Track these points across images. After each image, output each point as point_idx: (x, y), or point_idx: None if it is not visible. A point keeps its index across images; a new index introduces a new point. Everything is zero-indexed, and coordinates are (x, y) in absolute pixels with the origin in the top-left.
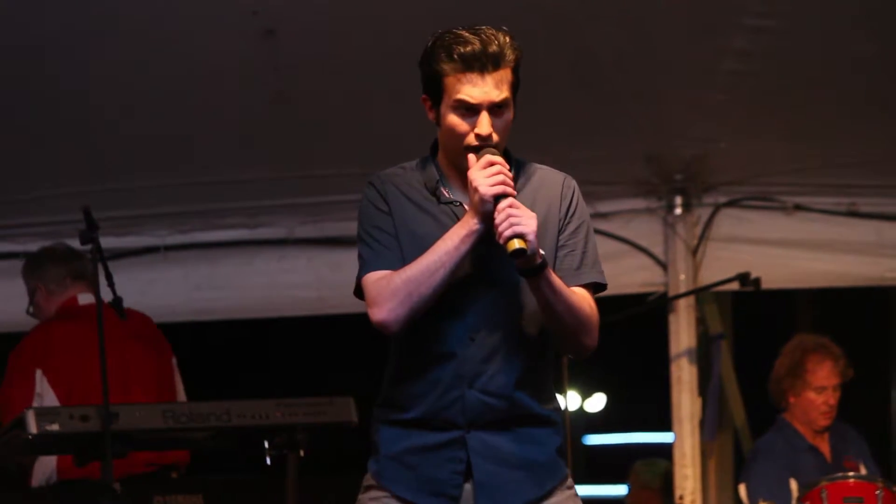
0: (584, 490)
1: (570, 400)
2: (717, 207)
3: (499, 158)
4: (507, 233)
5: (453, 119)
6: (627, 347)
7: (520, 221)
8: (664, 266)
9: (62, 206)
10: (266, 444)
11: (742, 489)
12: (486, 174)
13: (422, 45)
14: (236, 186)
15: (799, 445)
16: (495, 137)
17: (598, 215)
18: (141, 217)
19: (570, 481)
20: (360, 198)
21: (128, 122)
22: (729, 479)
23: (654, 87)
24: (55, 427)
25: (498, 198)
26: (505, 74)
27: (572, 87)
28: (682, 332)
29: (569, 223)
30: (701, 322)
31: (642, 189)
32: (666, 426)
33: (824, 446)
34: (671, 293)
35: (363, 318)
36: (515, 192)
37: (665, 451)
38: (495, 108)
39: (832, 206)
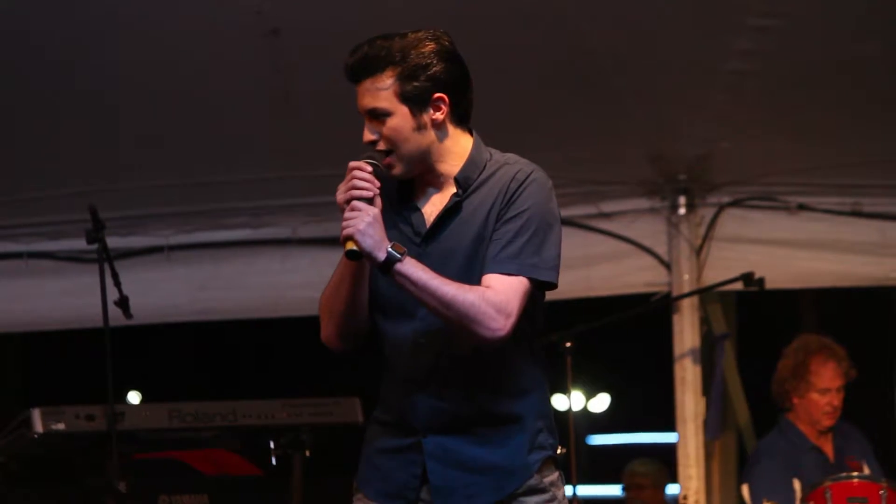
0: (587, 490)
1: (573, 400)
2: (721, 207)
3: (356, 164)
4: (342, 236)
5: None
6: (631, 347)
7: (350, 224)
8: (668, 266)
9: (68, 205)
10: (271, 444)
11: (745, 489)
12: (342, 183)
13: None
14: (240, 186)
15: (802, 445)
16: (381, 145)
17: (601, 215)
18: (146, 217)
19: (543, 482)
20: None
21: (132, 122)
22: (732, 480)
23: (658, 87)
24: (61, 426)
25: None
26: (376, 82)
27: (575, 87)
28: (686, 333)
29: (504, 214)
30: (705, 322)
31: (646, 189)
32: (669, 426)
33: (828, 446)
34: (675, 293)
35: None
36: (366, 194)
37: (669, 451)
38: (375, 116)
39: (836, 206)
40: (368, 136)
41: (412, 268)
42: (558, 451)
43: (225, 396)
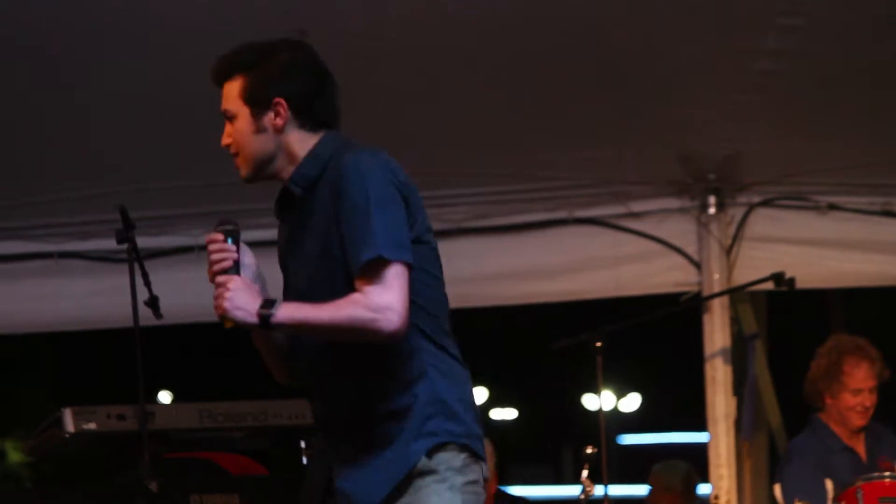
0: (617, 490)
1: (604, 400)
2: (751, 207)
3: (209, 237)
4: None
5: None
6: (661, 347)
7: (217, 303)
8: (698, 266)
9: (98, 205)
10: (302, 444)
11: (777, 489)
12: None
13: (446, 45)
14: (269, 186)
15: (834, 446)
16: (232, 148)
17: (631, 215)
18: (176, 217)
19: (431, 464)
20: None
21: (163, 122)
22: (764, 480)
23: (687, 87)
24: (92, 426)
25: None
26: (229, 87)
27: (604, 87)
28: (717, 332)
29: (339, 218)
30: (735, 322)
31: (676, 188)
32: (700, 426)
33: (860, 447)
34: (705, 293)
35: None
36: (225, 265)
37: (700, 450)
38: (227, 118)
39: (866, 206)
40: (224, 139)
41: (285, 315)
42: (589, 451)
43: (256, 396)
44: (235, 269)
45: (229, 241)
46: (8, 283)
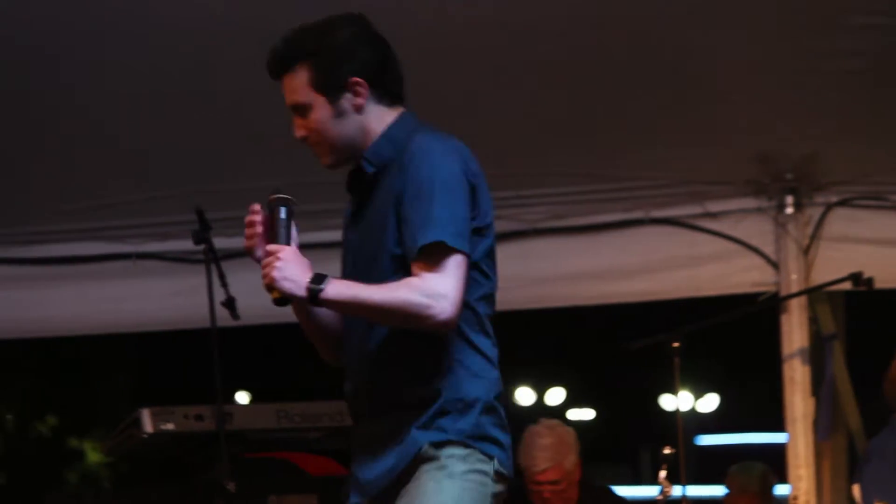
0: (695, 491)
1: (681, 400)
2: (829, 207)
3: (253, 207)
4: (264, 285)
5: None
6: (739, 347)
7: (265, 272)
8: (776, 266)
9: (176, 206)
10: None
11: (856, 490)
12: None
13: (521, 45)
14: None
15: None
16: (311, 138)
17: (708, 215)
18: None
19: (436, 452)
20: None
21: (238, 123)
22: (843, 480)
23: (765, 87)
24: (170, 426)
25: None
26: (293, 79)
27: (681, 86)
28: (795, 333)
29: (403, 196)
30: (813, 322)
31: (753, 188)
32: (779, 426)
33: None
34: (783, 293)
35: None
36: (257, 241)
37: (779, 451)
38: (298, 111)
39: None
40: (298, 132)
41: (335, 291)
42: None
43: (333, 397)
44: (286, 238)
45: (282, 210)
46: (86, 284)
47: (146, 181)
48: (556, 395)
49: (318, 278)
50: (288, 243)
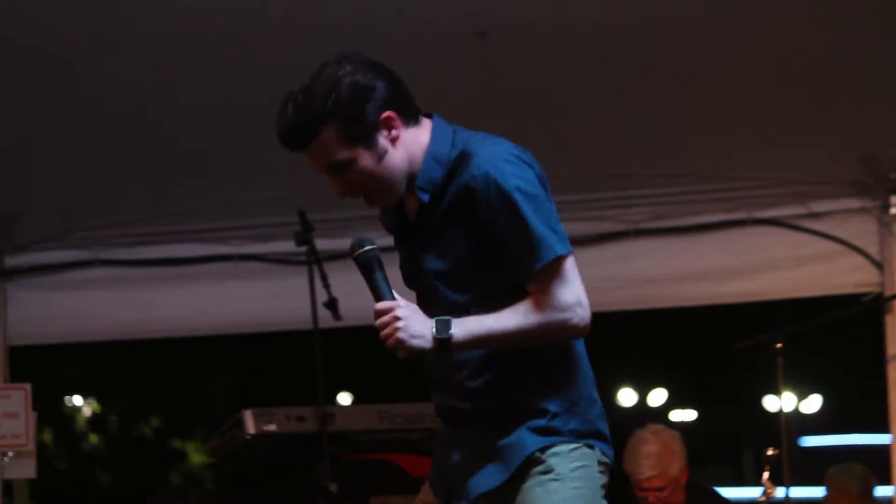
0: (798, 492)
1: (785, 401)
2: None
3: (379, 309)
4: (387, 346)
5: None
6: (842, 348)
7: (386, 333)
8: (880, 266)
9: (278, 208)
10: None
11: None
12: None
13: (623, 46)
14: None
15: None
16: (355, 195)
17: (811, 215)
18: (354, 219)
19: (542, 456)
20: (567, 199)
21: None
22: None
23: (868, 86)
24: (272, 427)
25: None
26: (322, 143)
27: (784, 87)
28: None
29: (492, 226)
30: None
31: (857, 189)
32: (883, 427)
33: None
34: (887, 293)
35: None
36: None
37: (883, 452)
38: (335, 171)
39: None
40: (341, 189)
41: (463, 333)
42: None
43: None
44: (388, 291)
45: (374, 263)
46: (188, 285)
47: (249, 183)
48: (658, 397)
49: (443, 325)
50: (392, 296)
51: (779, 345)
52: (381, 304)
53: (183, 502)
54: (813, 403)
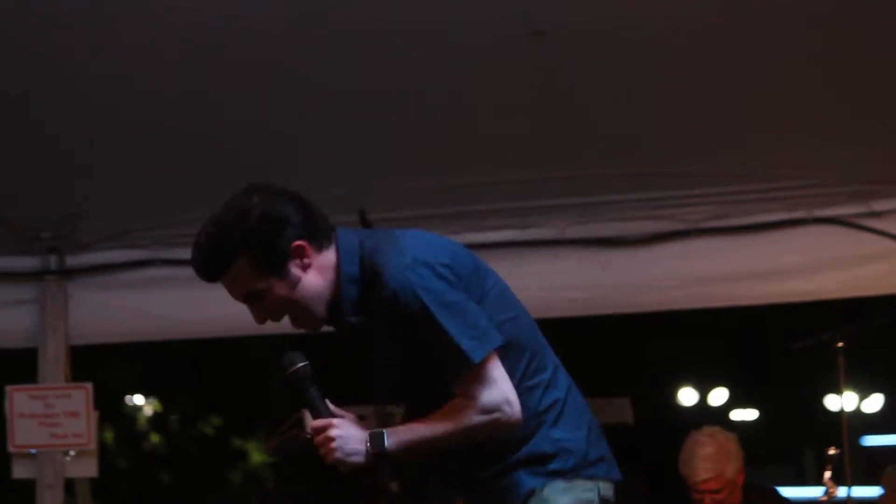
0: (860, 491)
1: (846, 400)
2: None
3: (314, 427)
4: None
5: None
6: None
7: (325, 452)
8: None
9: (338, 207)
10: None
11: None
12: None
13: (686, 47)
14: (506, 187)
15: None
16: (272, 321)
17: (872, 214)
18: (412, 218)
19: (538, 497)
20: (627, 198)
21: (398, 125)
22: None
23: None
24: None
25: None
26: (235, 274)
27: (845, 86)
28: None
29: (413, 338)
30: None
31: None
32: None
33: None
34: None
35: (635, 318)
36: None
37: None
38: (250, 300)
39: None
40: (259, 318)
41: (397, 442)
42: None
43: None
44: (324, 407)
45: (308, 380)
46: None
47: (308, 183)
48: (719, 396)
49: (377, 438)
50: (328, 412)
51: (840, 344)
52: (316, 423)
53: (243, 501)
54: (874, 403)
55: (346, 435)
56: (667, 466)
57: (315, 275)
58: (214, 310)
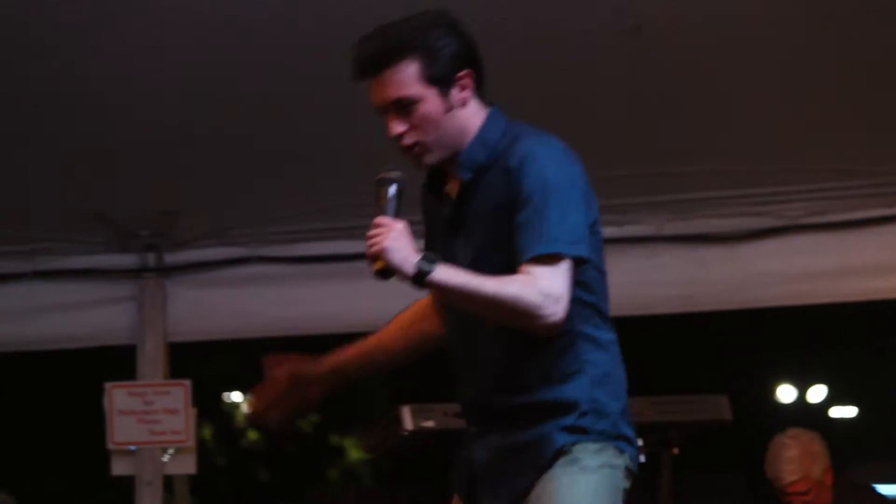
0: None
1: None
2: None
3: (377, 221)
4: (367, 255)
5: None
6: None
7: (373, 241)
8: None
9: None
10: (639, 443)
11: None
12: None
13: (784, 39)
14: (605, 184)
15: None
16: (409, 138)
17: None
18: None
19: (571, 449)
20: (724, 195)
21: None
22: None
23: None
24: (430, 423)
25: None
26: (398, 73)
27: None
28: None
29: (516, 202)
30: None
31: None
32: None
33: None
34: None
35: (733, 315)
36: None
37: None
38: (399, 108)
39: None
40: (396, 128)
41: (446, 276)
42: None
43: None
44: (394, 215)
45: (392, 187)
46: (345, 281)
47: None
48: (817, 393)
49: (429, 258)
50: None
51: None
52: (381, 218)
53: (341, 498)
54: None
55: (404, 238)
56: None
57: (463, 115)
58: (311, 307)
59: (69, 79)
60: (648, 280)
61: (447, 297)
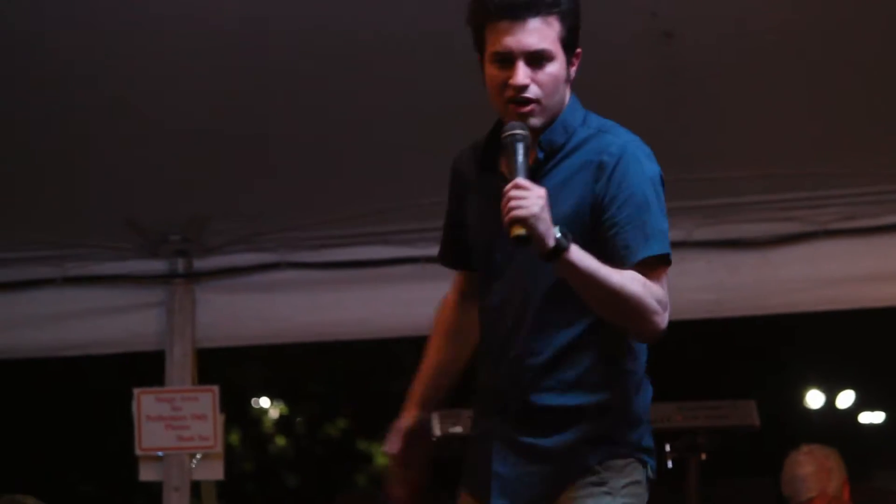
0: None
1: None
2: None
3: (521, 183)
4: (507, 220)
5: (491, 71)
6: None
7: (519, 204)
8: None
9: None
10: (667, 448)
11: None
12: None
13: (807, 46)
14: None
15: None
16: (535, 91)
17: None
18: None
19: (598, 468)
20: (754, 200)
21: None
22: None
23: None
24: (458, 429)
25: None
26: (545, 25)
27: None
28: None
29: (611, 200)
30: None
31: None
32: None
33: None
34: None
35: (763, 320)
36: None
37: None
38: (534, 59)
39: None
40: (524, 79)
41: (579, 256)
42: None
43: None
44: (526, 176)
45: (519, 147)
46: (375, 287)
47: (435, 185)
48: (846, 399)
49: (565, 234)
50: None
51: None
52: (525, 181)
53: None
54: None
55: (546, 205)
56: None
57: (567, 89)
58: (340, 313)
59: (101, 87)
60: (678, 285)
61: (572, 278)
